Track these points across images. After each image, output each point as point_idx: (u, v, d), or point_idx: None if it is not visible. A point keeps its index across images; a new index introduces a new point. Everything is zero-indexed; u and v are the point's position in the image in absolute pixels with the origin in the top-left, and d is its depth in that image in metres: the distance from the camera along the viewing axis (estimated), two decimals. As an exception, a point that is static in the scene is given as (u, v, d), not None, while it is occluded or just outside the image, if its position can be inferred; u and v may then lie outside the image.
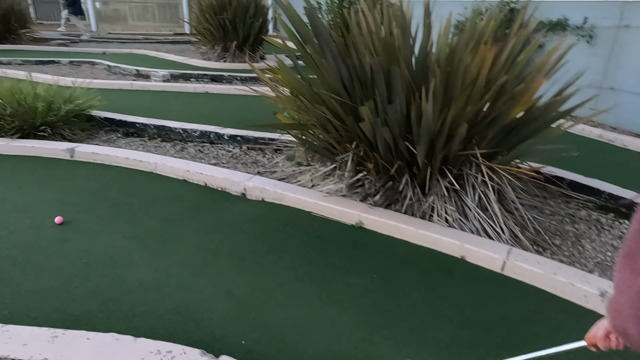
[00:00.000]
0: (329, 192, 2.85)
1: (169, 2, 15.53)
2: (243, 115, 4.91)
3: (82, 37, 12.06)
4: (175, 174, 3.24)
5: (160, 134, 4.22)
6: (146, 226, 2.55)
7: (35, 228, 2.47)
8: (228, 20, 7.87)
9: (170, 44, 11.83)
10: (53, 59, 8.15)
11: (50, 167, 3.35)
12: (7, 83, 3.89)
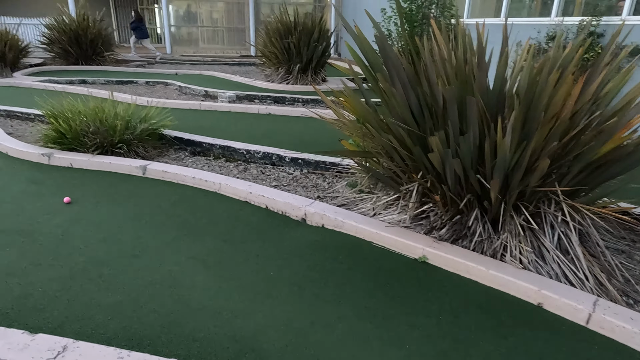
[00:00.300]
0: (391, 223, 2.75)
1: (237, 27, 16.35)
2: (304, 137, 4.95)
3: (157, 57, 12.96)
4: (238, 195, 3.30)
5: (225, 154, 4.35)
6: (209, 247, 2.59)
7: (107, 243, 2.59)
8: (293, 44, 8.10)
9: (236, 66, 12.39)
10: (131, 80, 8.80)
11: (124, 182, 3.54)
12: (92, 103, 4.21)
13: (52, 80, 8.32)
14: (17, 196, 3.20)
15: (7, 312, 1.93)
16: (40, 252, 2.46)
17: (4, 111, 5.73)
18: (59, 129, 3.96)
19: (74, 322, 1.89)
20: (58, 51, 10.50)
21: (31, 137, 4.68)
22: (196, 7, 16.47)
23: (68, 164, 3.84)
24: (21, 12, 14.57)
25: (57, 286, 2.15)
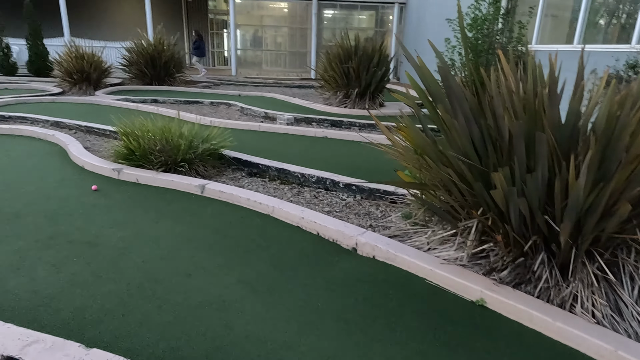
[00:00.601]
0: (447, 260, 2.61)
1: (299, 51, 16.88)
2: (359, 163, 4.91)
3: (201, 76, 13.61)
4: (290, 219, 3.30)
5: (280, 177, 4.41)
6: (259, 271, 2.60)
7: (164, 260, 2.68)
8: (352, 68, 8.17)
9: (296, 88, 12.71)
10: (197, 100, 9.30)
11: (183, 200, 3.68)
12: (160, 122, 4.47)
13: (128, 99, 9.00)
14: (88, 208, 3.43)
15: (68, 323, 2.03)
16: (102, 264, 2.59)
17: (84, 127, 6.25)
18: (129, 146, 4.23)
19: (126, 339, 1.95)
20: (135, 72, 11.39)
21: (105, 152, 5.04)
22: (262, 32, 17.26)
23: (135, 179, 4.08)
24: (107, 36, 16.06)
25: (114, 300, 2.24)
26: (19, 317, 2.03)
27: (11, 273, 2.45)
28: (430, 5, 12.57)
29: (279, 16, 17.29)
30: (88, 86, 9.99)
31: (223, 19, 18.88)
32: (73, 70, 9.85)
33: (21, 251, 2.71)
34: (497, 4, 6.43)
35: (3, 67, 12.79)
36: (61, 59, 10.04)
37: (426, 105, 2.65)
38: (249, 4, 16.60)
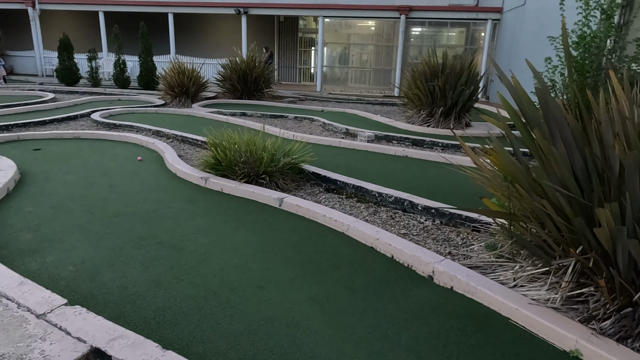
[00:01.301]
0: (536, 300, 2.35)
1: (384, 68, 16.85)
2: (440, 185, 4.69)
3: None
4: (365, 239, 3.23)
5: (357, 194, 4.36)
6: (329, 290, 2.56)
7: (239, 269, 2.76)
8: (438, 86, 7.93)
9: (379, 105, 12.66)
10: (282, 114, 9.65)
11: (262, 212, 3.79)
12: (246, 135, 4.68)
13: (219, 111, 9.62)
14: (176, 213, 3.67)
15: (150, 322, 2.16)
16: (184, 268, 2.74)
17: (180, 136, 6.79)
18: (217, 157, 4.49)
19: (199, 344, 2.02)
20: (228, 87, 12.18)
21: (196, 161, 5.40)
22: (348, 50, 17.54)
23: (219, 188, 4.30)
24: (206, 53, 17.45)
25: (191, 304, 2.34)
26: (108, 311, 2.21)
27: (107, 268, 2.69)
28: (528, 22, 11.84)
29: (365, 34, 17.46)
30: (186, 99, 10.88)
31: (311, 37, 19.55)
32: (175, 84, 10.81)
33: (116, 249, 2.97)
34: (610, 20, 5.81)
35: (119, 80, 14.46)
36: (166, 74, 11.08)
37: (519, 128, 2.44)
38: (337, 23, 17.00)
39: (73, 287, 2.45)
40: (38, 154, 5.51)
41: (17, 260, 2.72)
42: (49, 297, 2.15)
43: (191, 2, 16.63)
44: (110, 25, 16.17)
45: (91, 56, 14.28)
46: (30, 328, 1.91)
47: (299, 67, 19.72)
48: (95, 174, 4.73)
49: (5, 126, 7.10)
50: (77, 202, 3.82)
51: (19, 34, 18.90)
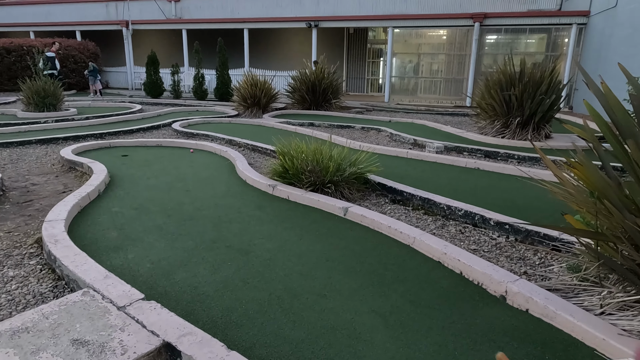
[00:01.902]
0: (628, 331, 2.10)
1: (455, 77, 16.32)
2: (515, 200, 4.40)
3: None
4: (432, 253, 3.11)
5: (424, 207, 4.23)
6: (393, 303, 2.49)
7: (303, 276, 2.78)
8: (515, 96, 7.50)
9: (449, 116, 12.27)
10: (349, 124, 9.69)
11: (326, 221, 3.81)
12: (313, 144, 4.75)
13: (288, 122, 9.90)
14: (245, 218, 3.81)
15: (216, 321, 2.25)
16: (251, 272, 2.82)
17: (250, 145, 7.07)
18: (285, 165, 4.60)
19: (261, 347, 2.05)
20: (298, 98, 12.51)
21: (264, 169, 5.58)
22: (418, 60, 17.25)
23: (286, 196, 4.40)
24: (278, 66, 18.11)
25: (256, 307, 2.40)
26: (180, 308, 2.33)
27: (180, 267, 2.85)
28: (620, 25, 10.85)
29: (436, 43, 17.07)
30: (258, 110, 11.34)
31: (380, 48, 19.51)
32: (248, 96, 11.32)
33: (189, 250, 3.14)
34: None
35: (197, 93, 15.46)
36: (240, 86, 11.65)
37: (609, 140, 2.22)
38: (407, 33, 16.81)
39: (150, 283, 2.62)
40: (125, 160, 6.03)
41: (104, 255, 2.98)
42: (129, 291, 2.32)
43: (265, 18, 17.40)
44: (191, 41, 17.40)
45: (174, 70, 15.43)
46: (112, 319, 2.06)
47: (367, 78, 19.73)
48: (174, 179, 5.07)
49: (100, 134, 7.88)
50: (157, 205, 4.11)
51: (114, 52, 20.99)
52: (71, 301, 2.21)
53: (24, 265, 2.91)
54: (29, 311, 2.13)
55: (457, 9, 15.16)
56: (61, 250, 2.79)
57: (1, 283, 2.67)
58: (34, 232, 3.47)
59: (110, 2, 20.05)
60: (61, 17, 20.98)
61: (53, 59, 13.35)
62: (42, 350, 1.82)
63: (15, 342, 1.87)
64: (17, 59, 16.69)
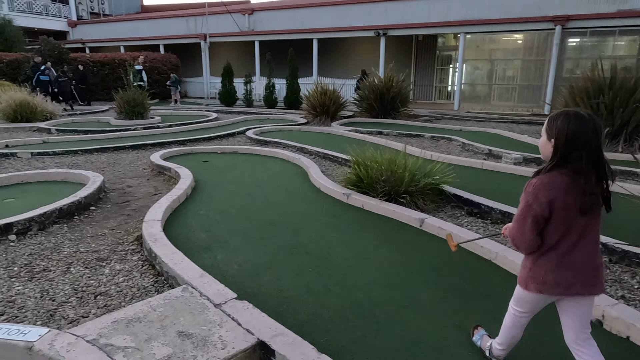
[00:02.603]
0: None
1: (533, 84, 15.46)
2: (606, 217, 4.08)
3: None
4: (516, 270, 2.99)
5: (505, 221, 4.07)
6: (478, 320, 2.43)
7: (382, 286, 2.81)
8: (604, 104, 6.97)
9: (525, 125, 11.66)
10: (418, 133, 9.55)
11: (402, 231, 3.81)
12: (387, 154, 4.77)
13: (357, 130, 9.97)
14: (321, 226, 3.92)
15: (303, 325, 2.34)
16: (331, 278, 2.90)
17: (321, 153, 7.23)
18: (359, 174, 4.66)
19: (347, 353, 2.11)
20: (365, 106, 12.56)
21: (336, 177, 5.68)
22: (491, 66, 16.59)
23: (360, 205, 4.45)
24: (346, 74, 18.29)
25: (339, 313, 2.47)
26: (269, 309, 2.45)
27: (265, 270, 3.00)
28: None
29: (511, 48, 16.32)
30: (326, 118, 11.55)
31: (449, 55, 19.02)
32: (316, 104, 11.58)
33: (272, 254, 3.29)
34: None
35: (268, 101, 16.09)
36: (309, 94, 11.95)
37: None
38: (480, 38, 16.25)
39: (238, 284, 2.79)
40: (206, 166, 6.44)
41: (196, 255, 3.22)
42: (223, 290, 2.49)
43: (334, 27, 17.70)
44: (263, 51, 18.16)
45: (247, 80, 16.20)
46: (210, 315, 2.24)
47: (435, 86, 19.31)
48: (251, 184, 5.33)
49: (182, 141, 8.48)
50: (238, 209, 4.35)
51: (192, 63, 22.46)
52: (174, 296, 2.42)
53: (128, 261, 3.23)
54: (139, 303, 2.37)
55: (535, 12, 14.38)
56: (160, 249, 3.07)
57: (110, 275, 2.99)
58: (133, 230, 3.83)
59: (190, 17, 21.53)
60: (147, 32, 22.90)
61: (141, 72, 14.60)
62: (153, 339, 2.03)
63: (130, 330, 2.10)
64: (109, 71, 18.44)
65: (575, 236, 1.68)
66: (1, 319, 2.43)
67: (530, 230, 1.68)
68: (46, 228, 3.83)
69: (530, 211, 1.67)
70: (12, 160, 6.74)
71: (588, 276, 1.70)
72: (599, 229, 1.77)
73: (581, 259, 1.69)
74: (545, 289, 1.74)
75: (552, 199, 1.63)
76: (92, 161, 6.82)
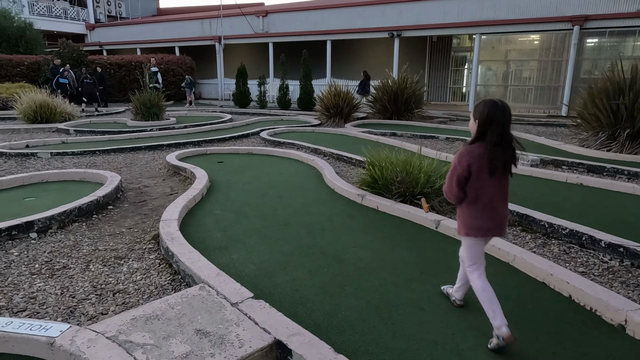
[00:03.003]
0: None
1: (549, 85, 15.23)
2: (628, 220, 4.01)
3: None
4: (535, 273, 2.95)
5: (522, 223, 4.01)
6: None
7: (398, 287, 2.79)
8: (624, 105, 6.83)
9: (541, 126, 11.49)
10: (432, 135, 9.48)
11: (417, 233, 3.78)
12: (402, 155, 4.75)
13: (370, 131, 9.95)
14: (336, 227, 3.91)
15: (319, 324, 2.34)
16: (346, 279, 2.90)
17: (335, 154, 7.23)
18: (374, 175, 4.64)
19: (364, 354, 2.10)
20: (379, 107, 12.53)
21: (350, 178, 5.68)
22: (506, 67, 16.39)
23: (375, 206, 4.43)
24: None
25: (355, 314, 2.46)
26: (285, 309, 2.46)
27: (280, 271, 3.01)
28: None
29: (527, 49, 16.09)
30: (340, 119, 11.54)
31: (463, 56, 18.85)
32: (330, 106, 11.58)
33: (287, 254, 3.30)
34: None
35: (281, 102, 16.15)
36: (323, 96, 11.96)
37: None
38: (495, 39, 16.07)
39: (255, 283, 2.80)
40: (221, 166, 6.49)
41: (212, 254, 3.24)
42: (239, 289, 2.50)
43: (348, 29, 17.69)
44: (276, 53, 18.25)
45: (260, 82, 16.29)
46: (227, 314, 2.25)
47: (450, 87, 19.15)
48: (265, 185, 5.35)
49: (197, 142, 8.56)
50: (253, 209, 4.37)
51: (206, 65, 22.67)
52: (191, 295, 2.44)
53: (145, 259, 3.27)
54: (156, 301, 2.40)
55: (552, 12, 14.17)
56: (177, 248, 3.10)
57: (128, 273, 3.03)
58: (150, 229, 3.88)
59: (205, 20, 21.75)
60: (163, 34, 23.20)
61: (157, 73, 14.79)
62: (171, 337, 2.05)
63: (149, 327, 2.12)
64: (126, 73, 18.73)
65: (489, 193, 2.19)
66: (23, 315, 2.48)
67: (455, 186, 2.22)
68: (66, 226, 3.90)
69: (455, 172, 2.21)
70: (32, 160, 6.89)
71: (498, 223, 2.25)
72: (507, 189, 2.26)
73: (493, 210, 2.22)
74: (472, 232, 2.26)
75: (471, 163, 2.16)
76: (109, 161, 6.93)
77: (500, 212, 2.23)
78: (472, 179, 2.18)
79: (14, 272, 3.00)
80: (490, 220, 2.22)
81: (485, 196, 2.19)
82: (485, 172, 2.15)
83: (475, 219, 2.23)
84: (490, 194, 2.19)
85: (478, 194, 2.19)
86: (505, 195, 2.25)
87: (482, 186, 2.18)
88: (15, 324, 2.13)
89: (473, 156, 2.15)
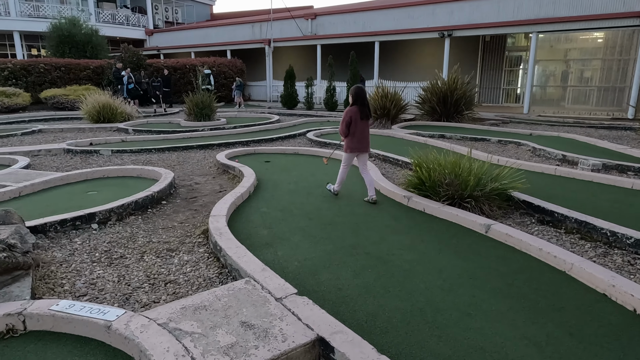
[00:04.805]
0: None
1: (614, 86, 14.23)
2: None
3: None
4: (595, 284, 2.76)
5: (581, 230, 3.78)
6: (549, 333, 2.28)
7: (444, 291, 2.72)
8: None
9: (604, 129, 10.76)
10: (483, 137, 9.14)
11: (466, 236, 3.66)
12: (451, 157, 4.61)
13: (418, 133, 9.75)
14: (381, 228, 3.87)
15: (362, 325, 2.32)
16: (391, 280, 2.85)
17: (382, 156, 7.15)
18: (421, 177, 4.55)
19: (407, 357, 2.06)
20: (427, 109, 12.25)
21: (396, 179, 5.59)
22: (566, 67, 15.51)
23: (422, 208, 4.34)
24: (408, 77, 17.98)
25: (399, 316, 2.42)
26: (328, 307, 2.47)
27: (323, 269, 3.02)
28: None
29: (589, 48, 15.13)
30: (387, 121, 11.41)
31: (518, 55, 18.01)
32: (377, 107, 11.47)
33: (331, 253, 3.30)
34: None
35: (328, 104, 16.21)
36: (370, 97, 11.87)
37: None
38: (554, 38, 15.24)
39: (298, 280, 2.83)
40: (268, 166, 6.61)
41: (257, 250, 3.31)
42: (283, 285, 2.54)
43: (396, 30, 17.47)
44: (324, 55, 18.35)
45: (308, 84, 16.45)
46: (272, 308, 2.29)
47: (503, 88, 18.38)
48: (311, 184, 5.39)
49: (246, 142, 8.79)
50: (298, 208, 4.42)
51: (255, 67, 23.23)
52: (237, 288, 2.51)
53: (195, 252, 3.40)
54: (204, 292, 2.48)
55: (619, 7, 13.22)
56: (225, 242, 3.19)
57: (179, 265, 3.16)
58: (199, 225, 4.02)
59: (255, 23, 22.29)
60: (215, 38, 24.04)
61: (209, 76, 15.32)
62: (218, 327, 2.11)
63: (197, 317, 2.20)
64: (181, 76, 19.57)
65: (360, 129, 4.50)
66: (84, 299, 2.66)
67: (345, 127, 4.48)
68: (123, 219, 4.14)
69: (344, 119, 4.45)
70: (95, 157, 7.37)
71: (364, 144, 4.58)
72: (368, 128, 4.59)
73: (362, 138, 4.54)
74: (350, 150, 4.56)
75: (351, 115, 4.44)
76: (163, 159, 7.27)
77: (366, 139, 4.58)
78: (352, 122, 4.45)
79: (77, 260, 3.22)
80: (359, 144, 4.55)
81: (358, 131, 4.49)
82: (359, 119, 4.46)
83: (354, 143, 4.53)
84: (360, 131, 4.50)
85: (354, 131, 4.48)
86: (367, 132, 4.57)
87: (357, 126, 4.47)
88: (77, 307, 2.29)
89: (352, 112, 4.46)
